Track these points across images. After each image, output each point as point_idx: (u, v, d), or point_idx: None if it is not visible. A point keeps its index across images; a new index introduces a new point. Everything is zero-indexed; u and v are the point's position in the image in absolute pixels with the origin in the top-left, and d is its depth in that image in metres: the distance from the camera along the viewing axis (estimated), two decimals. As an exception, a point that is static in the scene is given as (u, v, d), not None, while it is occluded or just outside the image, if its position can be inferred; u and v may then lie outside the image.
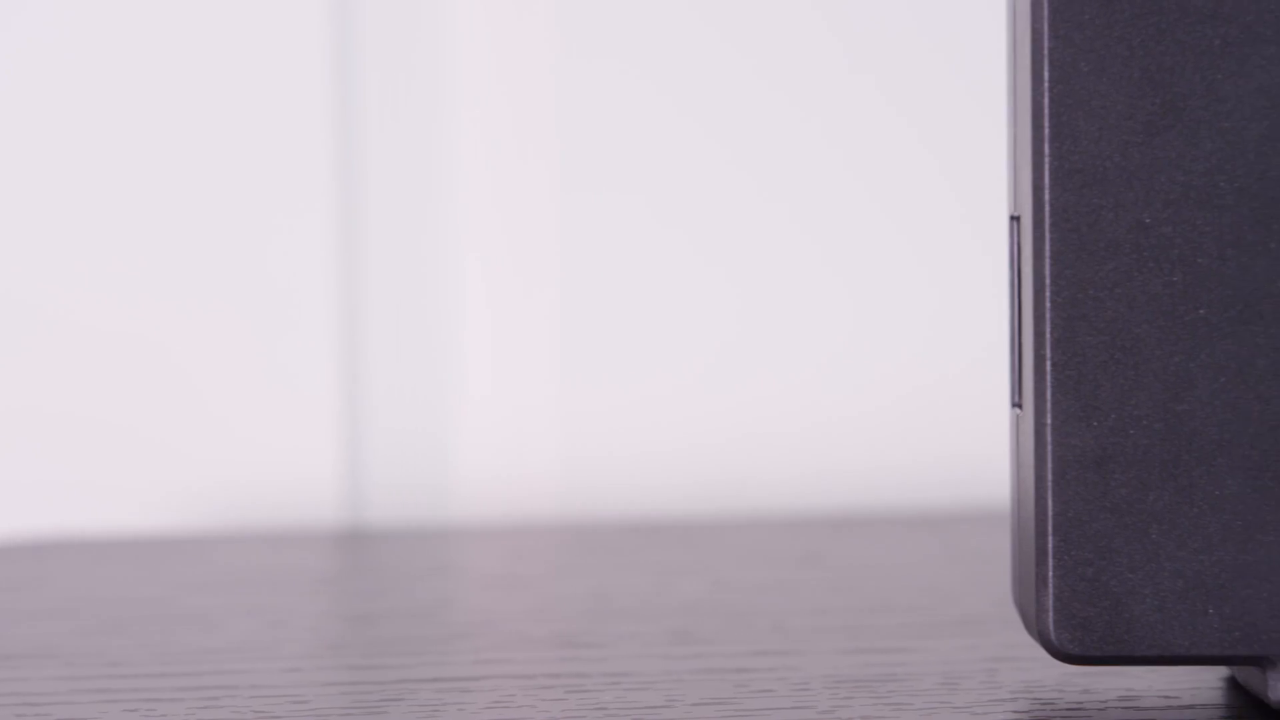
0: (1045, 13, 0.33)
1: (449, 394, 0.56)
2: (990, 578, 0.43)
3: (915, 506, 0.54)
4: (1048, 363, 0.33)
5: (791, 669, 0.37)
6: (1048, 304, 0.33)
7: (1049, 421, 0.33)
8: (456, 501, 0.56)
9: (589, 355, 0.56)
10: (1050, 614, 0.33)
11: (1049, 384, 0.33)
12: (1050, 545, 0.33)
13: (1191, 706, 0.34)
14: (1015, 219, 0.35)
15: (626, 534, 0.51)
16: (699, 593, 0.44)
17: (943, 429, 0.56)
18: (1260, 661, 0.33)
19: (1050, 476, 0.33)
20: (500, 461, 0.56)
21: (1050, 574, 0.34)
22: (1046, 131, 0.33)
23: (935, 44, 0.56)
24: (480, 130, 0.56)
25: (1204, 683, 0.35)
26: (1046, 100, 0.33)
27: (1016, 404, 0.35)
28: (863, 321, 0.56)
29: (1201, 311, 0.33)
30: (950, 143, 0.55)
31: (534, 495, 0.56)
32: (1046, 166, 0.33)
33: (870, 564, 0.48)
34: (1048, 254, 0.33)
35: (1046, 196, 0.33)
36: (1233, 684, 0.35)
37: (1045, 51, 0.33)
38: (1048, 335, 0.33)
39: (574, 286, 0.56)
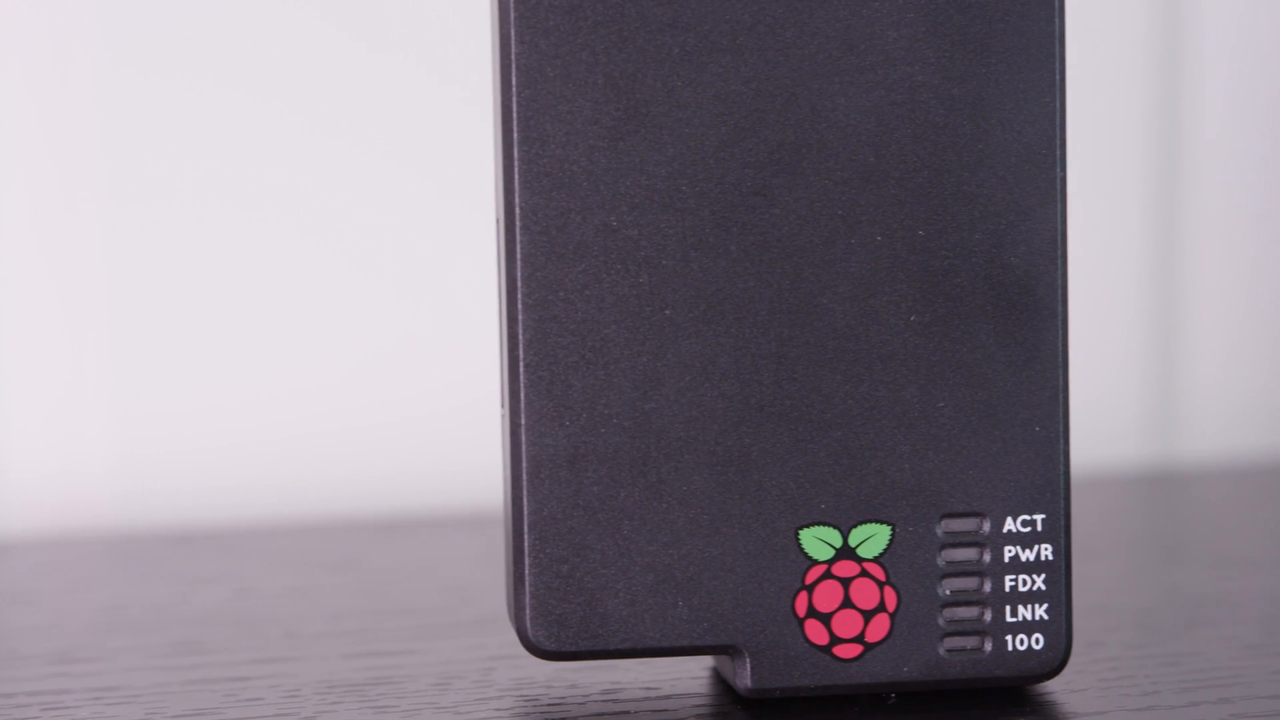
0: (511, 19, 0.34)
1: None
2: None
3: (467, 508, 0.54)
4: (520, 364, 0.34)
5: (289, 676, 0.37)
6: (519, 306, 0.34)
7: (523, 422, 0.34)
8: (3, 512, 0.54)
9: (141, 359, 0.55)
10: (527, 611, 0.34)
11: (522, 384, 0.34)
12: (526, 544, 0.34)
13: (670, 697, 0.35)
14: (499, 222, 0.35)
15: (167, 543, 0.50)
16: (218, 601, 0.43)
17: (494, 432, 0.56)
18: (729, 650, 0.34)
19: (525, 476, 0.34)
20: (51, 469, 0.55)
21: (527, 572, 0.34)
22: (515, 136, 0.34)
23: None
24: (22, 129, 0.55)
25: (687, 673, 0.36)
26: (514, 105, 0.34)
27: (504, 405, 0.35)
28: (415, 326, 0.56)
29: (667, 312, 0.34)
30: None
31: (85, 504, 0.55)
32: (516, 170, 0.34)
33: (406, 567, 0.48)
34: (519, 256, 0.34)
35: (516, 200, 0.34)
36: (715, 674, 0.36)
37: (512, 58, 0.34)
38: (520, 337, 0.34)
39: (124, 290, 0.55)
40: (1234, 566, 0.48)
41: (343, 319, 0.56)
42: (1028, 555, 0.34)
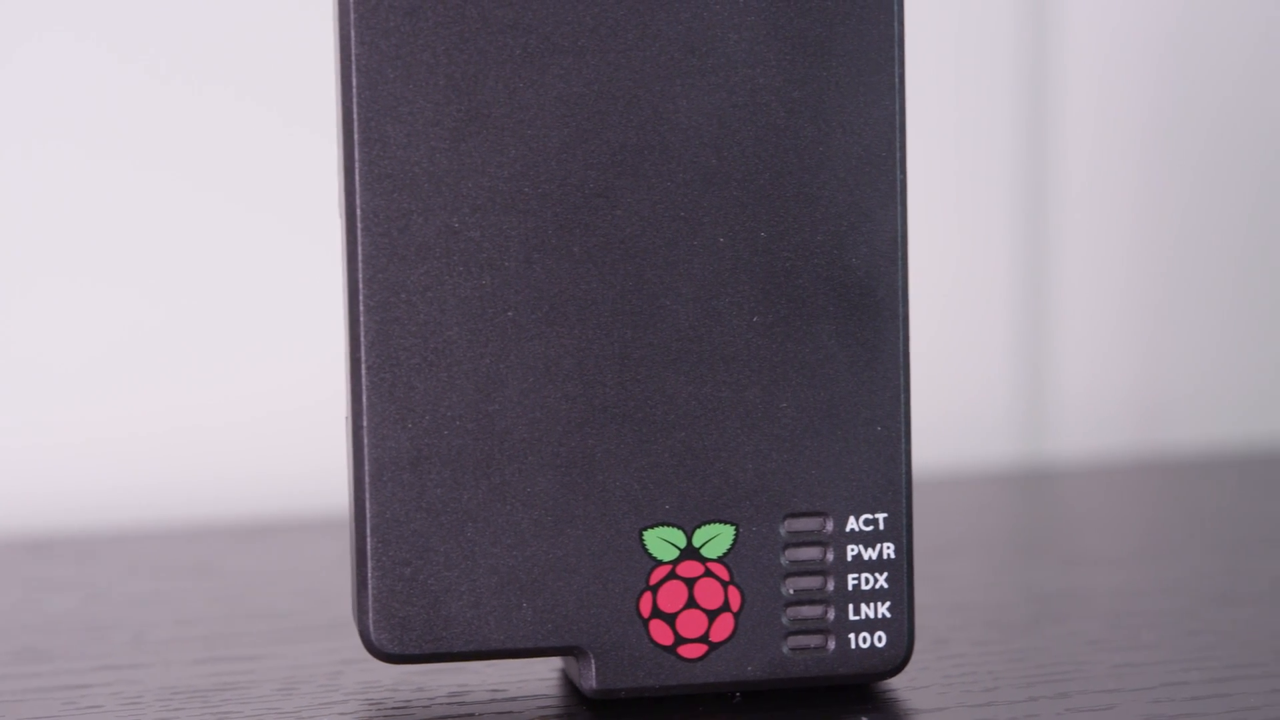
0: (351, 20, 0.33)
1: None
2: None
3: (326, 511, 0.54)
4: (363, 365, 0.34)
5: (132, 683, 0.36)
6: (361, 307, 0.34)
7: (365, 424, 0.34)
8: None
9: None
10: (370, 615, 0.34)
11: (364, 386, 0.34)
12: (369, 547, 0.34)
13: (516, 699, 0.35)
14: (341, 224, 0.35)
15: (20, 549, 0.50)
16: (67, 607, 0.43)
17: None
18: (573, 651, 0.34)
19: (368, 478, 0.34)
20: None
21: (369, 575, 0.34)
22: (355, 137, 0.34)
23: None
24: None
25: (535, 675, 0.36)
26: (355, 106, 0.34)
27: (349, 407, 0.35)
28: (269, 324, 0.56)
29: (510, 314, 0.34)
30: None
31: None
32: (356, 171, 0.34)
33: (263, 571, 0.48)
34: (360, 258, 0.34)
35: (357, 201, 0.34)
36: (564, 676, 0.36)
37: (352, 58, 0.33)
38: (362, 339, 0.34)
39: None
40: (1087, 563, 0.49)
41: (197, 321, 0.55)
42: (870, 554, 0.35)
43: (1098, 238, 0.66)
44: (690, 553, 0.34)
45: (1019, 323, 0.66)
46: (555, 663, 0.37)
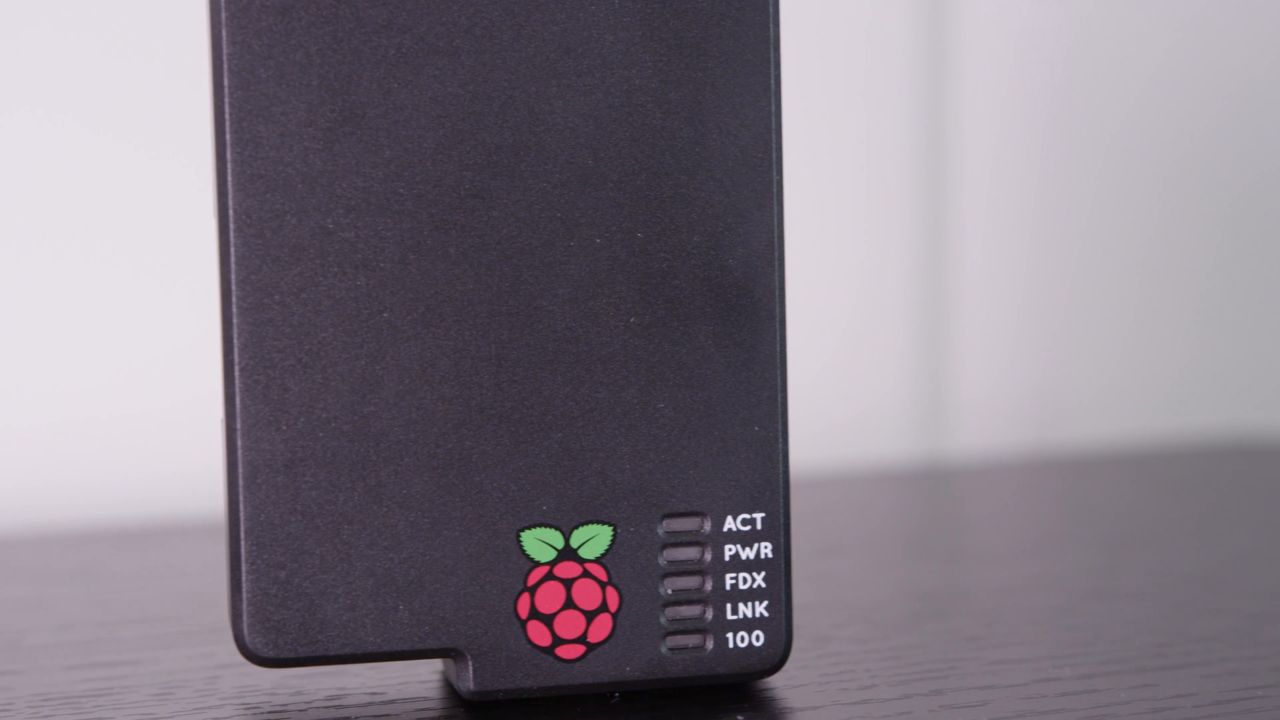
0: (223, 19, 0.33)
1: None
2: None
3: (210, 514, 0.53)
4: (236, 368, 0.34)
5: (3, 689, 0.36)
6: (234, 309, 0.34)
7: (239, 426, 0.33)
8: None
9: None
10: (244, 618, 0.34)
11: (238, 389, 0.33)
12: (243, 550, 0.34)
13: (394, 701, 0.35)
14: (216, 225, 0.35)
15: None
16: (-58, 614, 0.42)
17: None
18: (451, 653, 0.34)
19: (241, 482, 0.34)
20: None
21: (244, 579, 0.34)
22: (228, 137, 0.33)
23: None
24: None
25: (415, 677, 0.36)
26: (226, 106, 0.33)
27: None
28: (163, 327, 0.56)
29: (385, 315, 0.34)
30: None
31: None
32: (229, 172, 0.33)
33: (148, 574, 0.47)
34: (232, 259, 0.33)
35: (230, 202, 0.33)
36: (445, 678, 0.36)
37: (224, 59, 0.33)
38: (235, 340, 0.34)
39: None
40: (974, 561, 0.49)
41: (76, 322, 0.55)
42: (748, 553, 0.35)
43: (998, 243, 0.67)
44: (568, 553, 0.34)
45: (920, 326, 0.66)
46: (435, 665, 0.36)
